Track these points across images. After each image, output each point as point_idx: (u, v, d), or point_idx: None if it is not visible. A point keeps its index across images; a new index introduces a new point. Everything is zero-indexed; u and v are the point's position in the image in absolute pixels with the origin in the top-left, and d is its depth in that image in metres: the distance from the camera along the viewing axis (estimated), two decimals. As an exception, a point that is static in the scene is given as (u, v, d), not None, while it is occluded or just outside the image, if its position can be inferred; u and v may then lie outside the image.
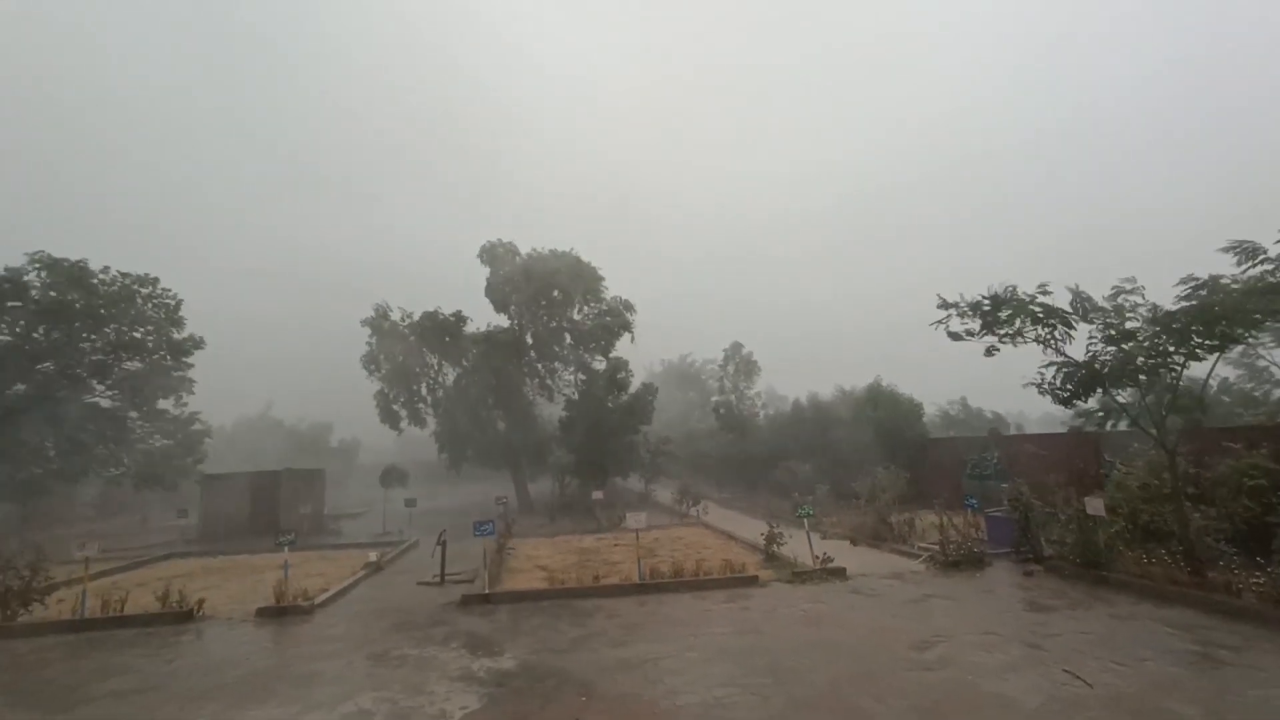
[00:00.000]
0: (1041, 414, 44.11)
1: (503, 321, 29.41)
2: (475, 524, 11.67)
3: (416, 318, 29.02)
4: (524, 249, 30.83)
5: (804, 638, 7.96)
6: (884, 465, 19.09)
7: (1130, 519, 10.96)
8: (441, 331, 27.99)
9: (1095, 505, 10.34)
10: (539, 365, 29.48)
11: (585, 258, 30.15)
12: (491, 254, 30.21)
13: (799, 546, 12.41)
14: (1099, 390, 10.74)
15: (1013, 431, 29.64)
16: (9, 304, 21.05)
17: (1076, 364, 10.63)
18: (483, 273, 29.98)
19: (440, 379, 29.53)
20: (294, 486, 22.09)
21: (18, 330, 21.39)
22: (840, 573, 11.31)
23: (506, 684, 6.76)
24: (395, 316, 29.56)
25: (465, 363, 28.25)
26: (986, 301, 10.87)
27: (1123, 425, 12.99)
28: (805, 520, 12.59)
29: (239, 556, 16.42)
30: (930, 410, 29.33)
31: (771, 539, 12.95)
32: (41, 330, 21.88)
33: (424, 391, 29.76)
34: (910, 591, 10.15)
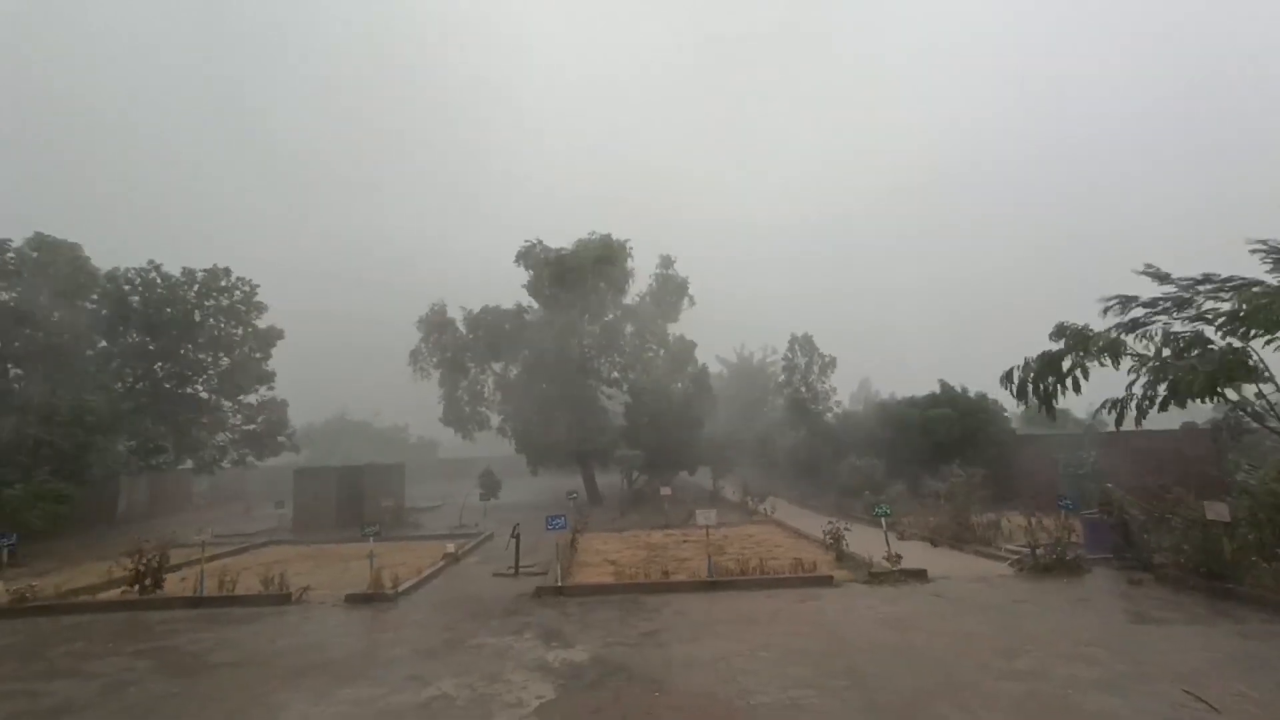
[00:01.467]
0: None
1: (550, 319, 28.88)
2: (548, 518, 11.95)
3: (475, 312, 29.41)
4: (555, 245, 29.95)
5: (882, 641, 7.65)
6: (963, 464, 18.07)
7: (1264, 528, 9.72)
8: (500, 327, 28.28)
9: (1218, 510, 9.34)
10: (600, 359, 29.40)
11: (616, 236, 29.11)
12: (528, 256, 29.80)
13: (874, 546, 11.94)
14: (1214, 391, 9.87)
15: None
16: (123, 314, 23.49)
17: (1177, 364, 9.86)
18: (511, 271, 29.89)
19: (506, 375, 30.01)
20: (377, 481, 23.39)
21: (133, 338, 23.88)
22: (920, 574, 10.81)
23: (580, 676, 6.88)
24: (454, 314, 29.94)
25: (525, 357, 28.29)
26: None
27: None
28: (882, 519, 12.10)
29: (328, 545, 17.55)
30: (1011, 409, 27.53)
31: (837, 537, 12.56)
32: (147, 336, 24.36)
33: (487, 391, 30.46)
34: (997, 596, 9.57)
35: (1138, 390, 11.02)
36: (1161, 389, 10.43)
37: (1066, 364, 11.49)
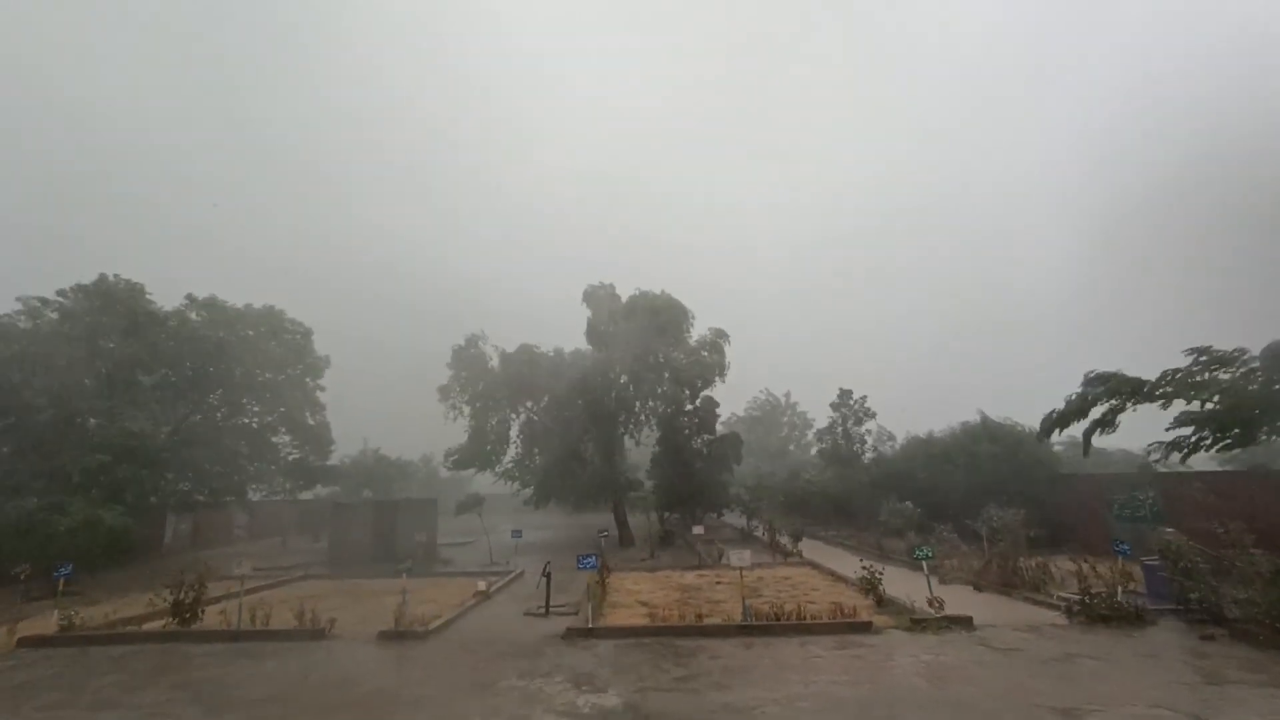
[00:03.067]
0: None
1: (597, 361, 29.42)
2: (579, 557, 11.86)
3: (510, 350, 29.71)
4: (620, 290, 30.84)
5: (927, 693, 7.27)
6: (1005, 504, 17.30)
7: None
8: (535, 366, 28.62)
9: None
10: (635, 403, 29.58)
11: (672, 295, 29.97)
12: (593, 297, 30.45)
13: (915, 590, 11.45)
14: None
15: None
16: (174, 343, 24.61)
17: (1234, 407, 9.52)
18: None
19: (535, 414, 30.16)
20: (410, 516, 23.59)
21: (188, 367, 24.91)
22: (965, 622, 10.30)
23: (611, 722, 6.71)
24: (488, 348, 30.32)
25: (560, 394, 28.45)
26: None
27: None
28: (923, 562, 11.63)
29: (362, 580, 17.67)
30: (1057, 447, 26.36)
31: (872, 581, 12.11)
32: (201, 365, 25.42)
33: (514, 431, 30.56)
34: (1050, 648, 9.02)
35: (1187, 430, 10.70)
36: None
37: (1100, 410, 11.32)
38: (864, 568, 12.85)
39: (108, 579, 17.63)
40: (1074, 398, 12.17)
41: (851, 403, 32.51)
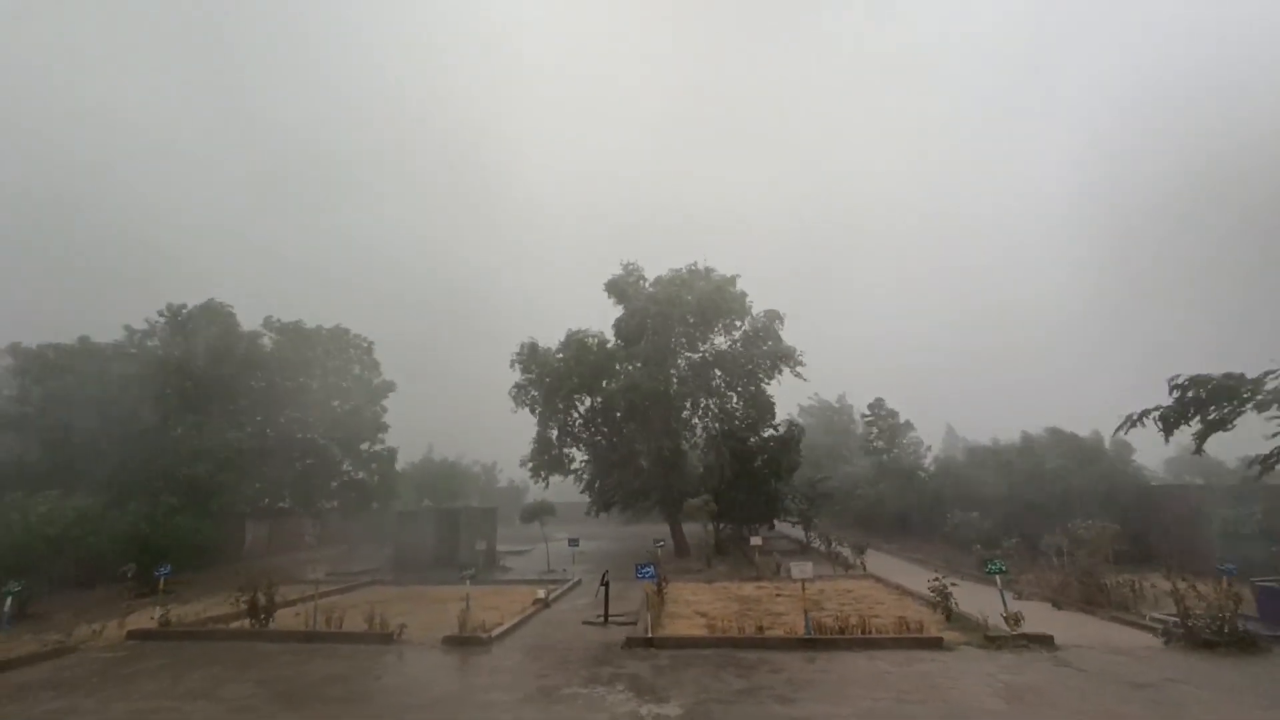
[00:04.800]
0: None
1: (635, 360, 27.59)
2: (637, 567, 11.90)
3: (564, 338, 28.75)
4: (649, 274, 28.93)
5: (1004, 714, 6.89)
6: (1089, 517, 16.20)
7: None
8: (590, 354, 27.39)
9: None
10: (686, 403, 28.22)
11: (713, 268, 27.86)
12: (620, 287, 28.51)
13: (987, 605, 10.88)
14: None
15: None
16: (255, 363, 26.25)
17: None
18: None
19: (592, 415, 28.99)
20: (471, 524, 24.26)
21: (265, 385, 26.55)
22: (1046, 640, 9.70)
23: (673, 732, 6.67)
24: (546, 350, 29.12)
25: (612, 393, 26.91)
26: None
27: None
28: (996, 577, 11.05)
29: (426, 587, 18.26)
30: (1143, 458, 24.52)
31: (943, 594, 11.57)
32: (277, 383, 27.01)
33: (577, 427, 29.27)
34: (1144, 673, 8.36)
35: None
36: None
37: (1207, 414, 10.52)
38: (935, 579, 12.31)
39: (197, 579, 18.89)
40: (1171, 403, 11.37)
41: (884, 413, 31.34)
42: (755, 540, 18.84)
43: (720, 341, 28.13)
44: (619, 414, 26.61)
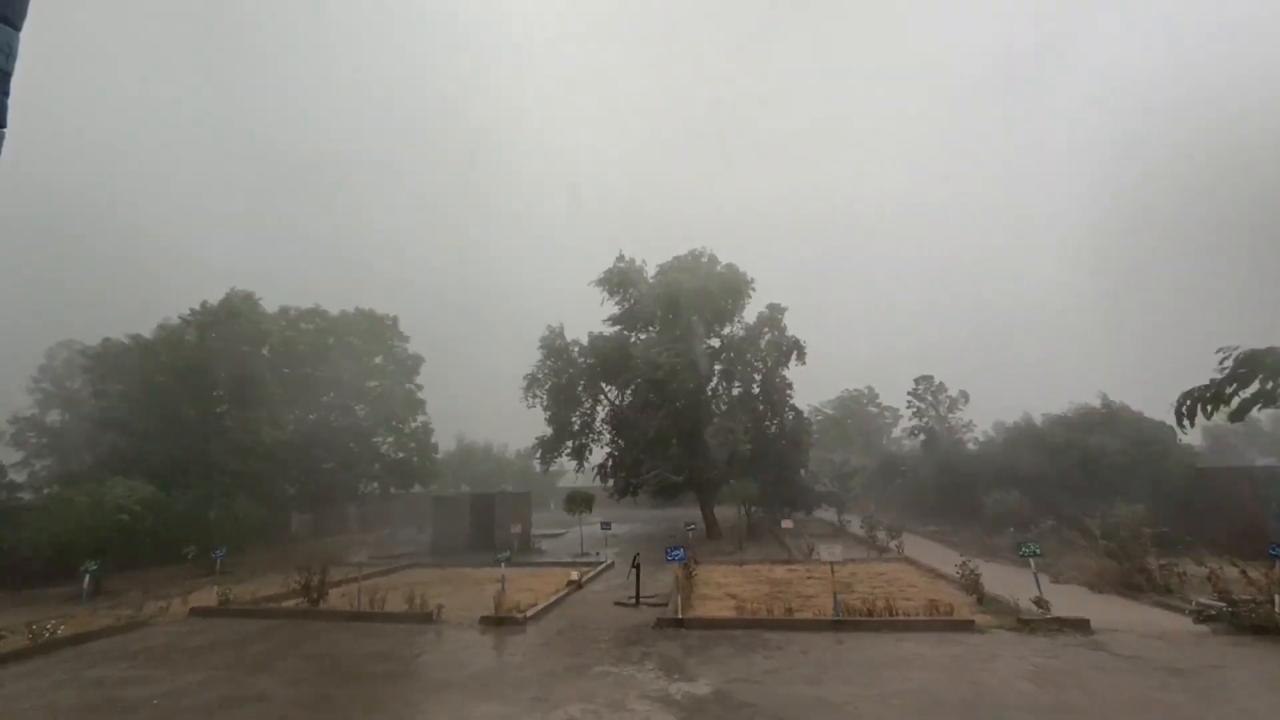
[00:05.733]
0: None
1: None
2: (668, 550, 12.11)
3: (591, 334, 29.16)
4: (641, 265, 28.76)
5: (1036, 700, 6.86)
6: (1136, 500, 15.71)
7: None
8: (611, 350, 27.62)
9: None
10: (707, 389, 28.22)
11: (717, 256, 27.92)
12: (619, 278, 28.07)
13: (1022, 589, 10.75)
14: None
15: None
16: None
17: None
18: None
19: (618, 403, 29.33)
20: (506, 508, 24.88)
21: (303, 372, 27.49)
22: (1081, 625, 9.56)
23: (704, 710, 6.86)
24: (569, 338, 29.39)
25: (638, 384, 26.89)
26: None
27: None
28: (1030, 560, 10.89)
29: (463, 569, 18.88)
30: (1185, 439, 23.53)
31: (973, 577, 11.48)
32: (312, 370, 27.95)
33: (598, 422, 29.70)
34: (1186, 658, 8.18)
35: None
36: None
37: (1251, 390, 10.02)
38: (962, 562, 12.21)
39: (248, 560, 19.98)
40: (1218, 378, 10.84)
41: (933, 390, 30.69)
42: (786, 523, 18.86)
43: (733, 329, 28.07)
44: (649, 397, 26.29)
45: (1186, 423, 10.55)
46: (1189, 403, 10.74)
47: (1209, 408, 9.83)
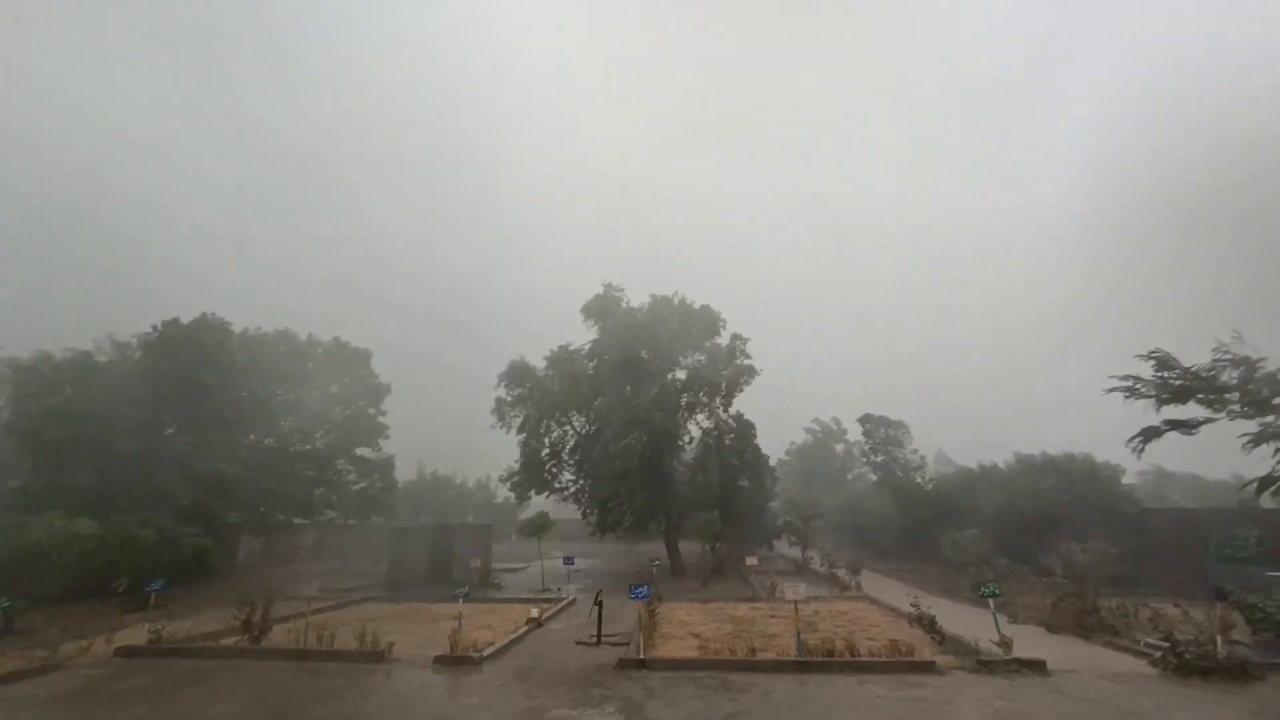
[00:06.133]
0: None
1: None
2: (631, 587, 11.88)
3: (553, 350, 29.15)
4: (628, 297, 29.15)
5: (998, 744, 6.85)
6: (1082, 540, 16.18)
7: None
8: (580, 370, 27.76)
9: None
10: (674, 421, 28.27)
11: (694, 297, 28.68)
12: (600, 308, 28.56)
13: (981, 629, 10.85)
14: None
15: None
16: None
17: None
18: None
19: (584, 436, 29.21)
20: (466, 541, 24.14)
21: (259, 396, 26.50)
22: (1038, 666, 9.66)
23: (662, 757, 6.63)
24: (536, 365, 29.54)
25: (601, 409, 27.27)
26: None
27: None
28: (990, 600, 11.02)
29: (420, 604, 18.13)
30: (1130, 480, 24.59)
31: (927, 619, 11.53)
32: (271, 393, 26.98)
33: (566, 451, 29.63)
34: (1139, 701, 8.33)
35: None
36: None
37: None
38: (913, 604, 12.30)
39: (188, 594, 18.74)
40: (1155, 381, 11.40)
41: (883, 429, 31.30)
42: (750, 560, 18.76)
43: (699, 359, 28.41)
44: (608, 440, 26.35)
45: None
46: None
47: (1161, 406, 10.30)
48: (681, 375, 28.25)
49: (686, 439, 28.43)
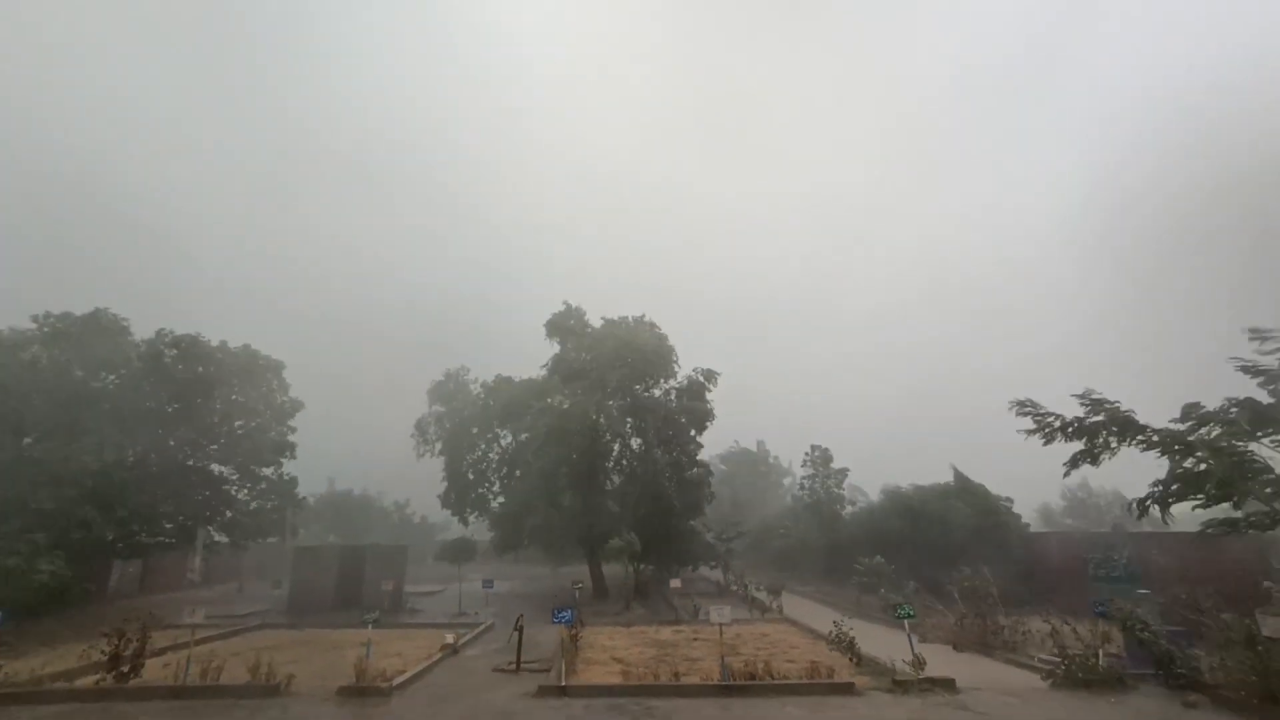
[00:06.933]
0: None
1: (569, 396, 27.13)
2: (554, 611, 11.49)
3: (491, 381, 28.44)
4: (591, 316, 29.15)
5: (912, 762, 7.04)
6: (979, 563, 17.27)
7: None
8: (516, 398, 27.17)
9: (1277, 626, 8.81)
10: (613, 446, 28.18)
11: (655, 323, 28.63)
12: (561, 326, 28.46)
13: (895, 649, 11.24)
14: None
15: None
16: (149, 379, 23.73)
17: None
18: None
19: (509, 453, 28.54)
20: (378, 563, 22.69)
21: (153, 404, 23.96)
22: (948, 684, 10.09)
23: (583, 790, 6.35)
24: (469, 382, 28.96)
25: (536, 429, 26.32)
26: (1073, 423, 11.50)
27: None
28: (905, 621, 11.45)
29: (324, 631, 16.80)
30: (1019, 507, 26.59)
31: (847, 644, 11.83)
32: (174, 403, 24.46)
33: (491, 469, 28.94)
34: (1035, 714, 8.85)
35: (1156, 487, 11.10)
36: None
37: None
38: (834, 624, 12.61)
39: (40, 628, 16.31)
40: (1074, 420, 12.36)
41: (825, 460, 32.48)
42: (674, 583, 18.73)
43: (654, 393, 28.18)
44: (538, 448, 25.71)
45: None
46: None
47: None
48: (628, 401, 27.74)
49: (626, 460, 27.92)
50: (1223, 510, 11.46)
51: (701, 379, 27.85)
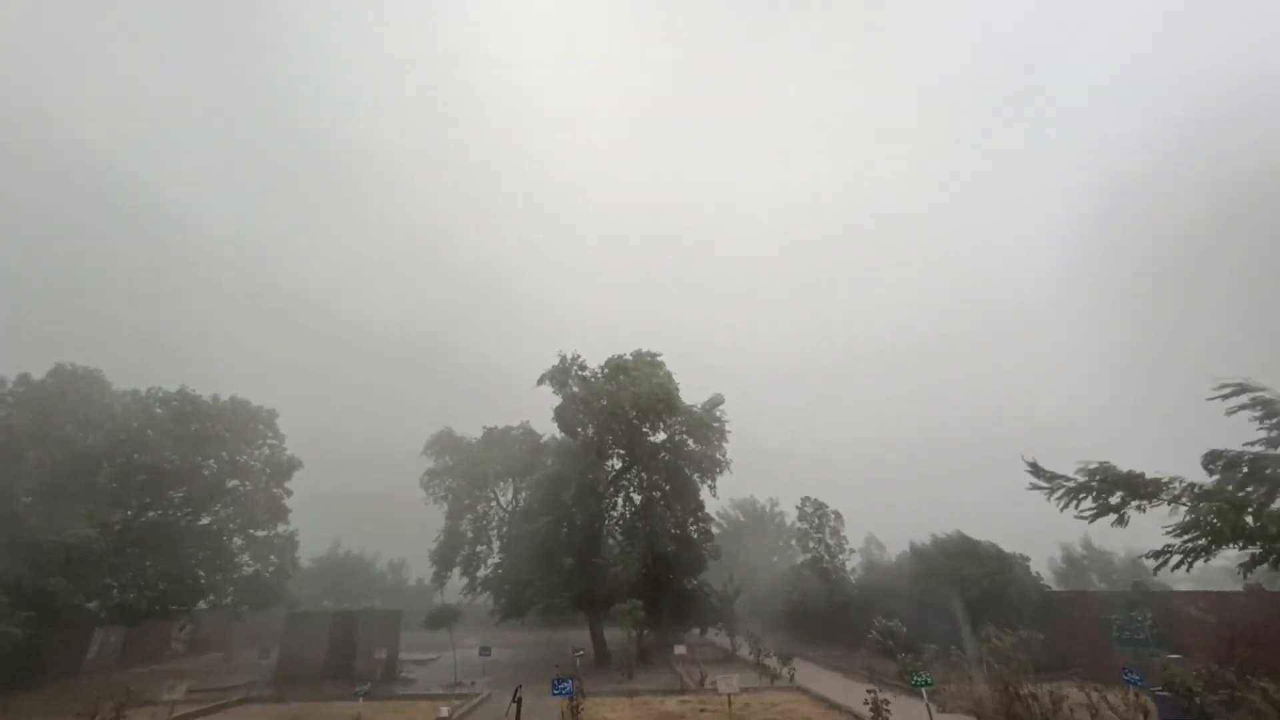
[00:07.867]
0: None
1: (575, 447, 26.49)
2: (554, 682, 10.95)
3: (486, 430, 28.27)
4: (593, 363, 28.17)
5: None
6: (1002, 625, 16.50)
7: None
8: (515, 448, 26.93)
9: None
10: (617, 502, 27.11)
11: (657, 357, 27.60)
12: (560, 376, 27.52)
13: (913, 718, 10.62)
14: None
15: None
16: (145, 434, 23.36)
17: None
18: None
19: (509, 512, 27.94)
20: (371, 629, 21.79)
21: (147, 462, 23.48)
22: (975, 762, 9.45)
23: None
24: (464, 438, 28.49)
25: (536, 485, 25.71)
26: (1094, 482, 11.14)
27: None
28: (922, 690, 10.87)
29: (313, 704, 15.91)
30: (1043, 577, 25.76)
31: (880, 710, 11.18)
32: (161, 461, 24.00)
33: (491, 528, 28.23)
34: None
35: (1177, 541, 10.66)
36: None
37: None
38: (869, 692, 11.92)
39: (8, 702, 15.45)
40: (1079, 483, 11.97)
41: (822, 514, 31.55)
42: (679, 649, 17.91)
43: (658, 438, 27.27)
44: (536, 514, 25.11)
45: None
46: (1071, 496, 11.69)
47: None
48: (629, 452, 26.93)
49: (628, 517, 26.91)
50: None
51: (710, 418, 26.76)
